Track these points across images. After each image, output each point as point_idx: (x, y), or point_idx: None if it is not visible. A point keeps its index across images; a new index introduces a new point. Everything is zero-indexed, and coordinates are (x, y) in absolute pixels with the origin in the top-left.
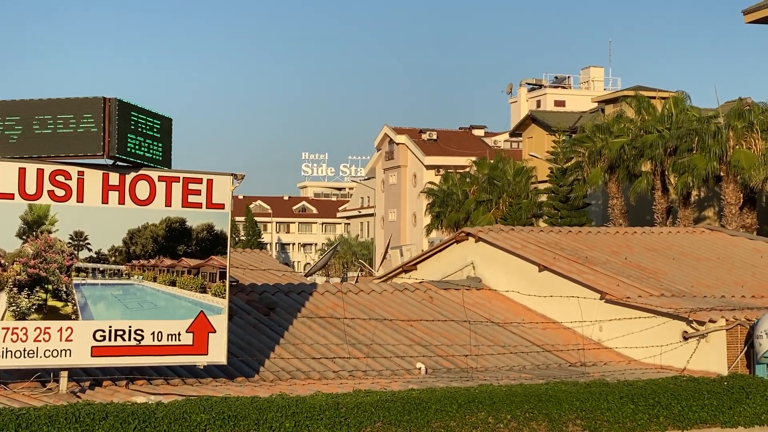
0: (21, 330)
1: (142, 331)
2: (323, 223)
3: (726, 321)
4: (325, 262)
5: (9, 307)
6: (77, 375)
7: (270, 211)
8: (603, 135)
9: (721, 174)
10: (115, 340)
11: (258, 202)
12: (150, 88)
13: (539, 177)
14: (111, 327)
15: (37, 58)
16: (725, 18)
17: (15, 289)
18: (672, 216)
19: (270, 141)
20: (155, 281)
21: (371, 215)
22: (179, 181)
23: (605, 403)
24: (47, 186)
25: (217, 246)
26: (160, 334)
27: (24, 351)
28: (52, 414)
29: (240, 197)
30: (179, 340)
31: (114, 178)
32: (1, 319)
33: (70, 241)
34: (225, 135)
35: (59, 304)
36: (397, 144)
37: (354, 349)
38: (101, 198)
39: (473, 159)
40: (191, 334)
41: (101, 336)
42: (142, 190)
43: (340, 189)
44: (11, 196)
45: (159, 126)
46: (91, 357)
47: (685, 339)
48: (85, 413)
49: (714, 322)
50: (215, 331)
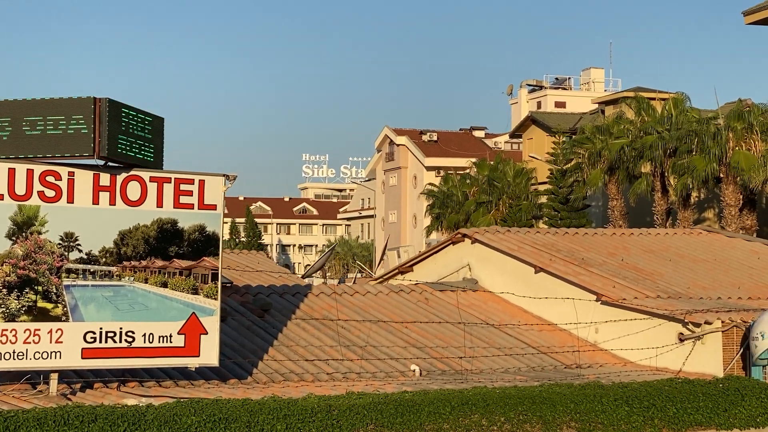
0: (10, 332)
1: (133, 333)
2: (324, 225)
3: (722, 323)
4: (323, 263)
5: None
6: (68, 377)
7: (270, 213)
8: (603, 136)
9: (721, 175)
10: (106, 341)
11: (258, 203)
12: (150, 88)
13: (539, 178)
14: (102, 329)
15: (28, 58)
16: (725, 19)
17: (4, 291)
18: (672, 217)
19: (271, 142)
20: (146, 283)
21: (372, 216)
22: (171, 182)
23: (600, 406)
24: (37, 187)
25: (209, 247)
26: (151, 335)
27: (13, 353)
28: (40, 416)
29: (240, 198)
30: (171, 341)
31: (105, 178)
32: None
33: (60, 242)
34: (226, 136)
35: (49, 305)
36: (398, 145)
37: (348, 351)
38: (92, 199)
39: (473, 160)
40: (183, 335)
41: (92, 338)
42: (133, 190)
43: (340, 190)
44: (0, 196)
45: (150, 126)
46: (82, 359)
47: (681, 341)
48: (74, 416)
49: (710, 323)
50: (207, 333)
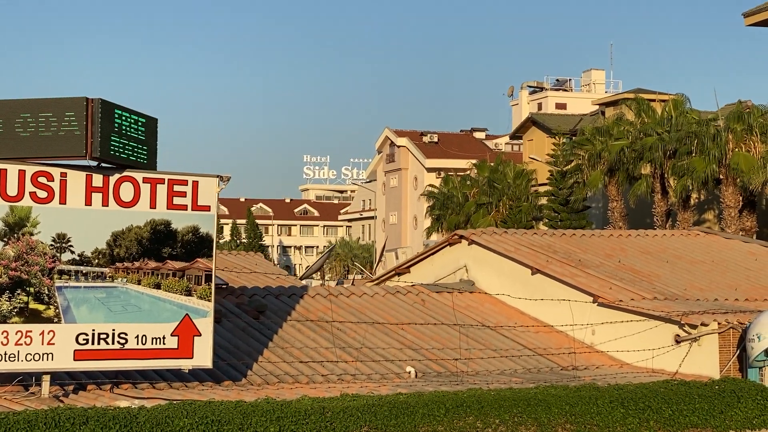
0: (2, 333)
1: (126, 335)
2: (325, 226)
3: (718, 324)
4: (321, 264)
5: None
6: (61, 379)
7: (272, 214)
8: (603, 138)
9: (721, 177)
10: (99, 343)
11: (260, 204)
12: (150, 89)
13: (539, 180)
14: (94, 330)
15: (21, 58)
16: (726, 21)
17: None
18: (672, 219)
19: (272, 144)
20: (139, 284)
21: (372, 218)
22: (164, 183)
23: (595, 407)
24: (29, 187)
25: (203, 248)
26: (144, 337)
27: (5, 354)
28: (31, 418)
29: (242, 200)
30: (164, 343)
31: (97, 179)
32: None
33: (52, 244)
34: (226, 138)
35: (41, 307)
36: (398, 147)
37: (343, 353)
38: (84, 200)
39: (473, 162)
40: (176, 337)
41: (84, 339)
42: (126, 191)
43: (341, 192)
44: None
45: (144, 126)
46: (74, 361)
47: (678, 342)
48: (65, 418)
49: (706, 325)
50: (201, 335)
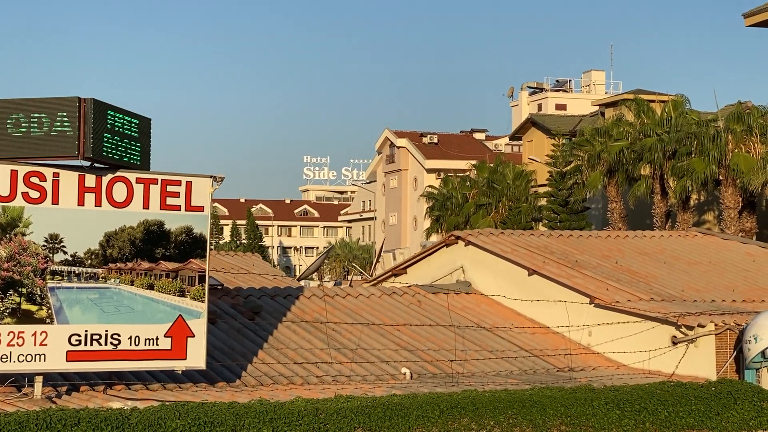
0: None
1: (118, 336)
2: (325, 227)
3: (715, 325)
4: (318, 265)
5: None
6: (54, 380)
7: (272, 215)
8: (602, 138)
9: (720, 178)
10: (91, 344)
11: (260, 205)
12: (150, 89)
13: (539, 180)
14: (87, 331)
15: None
16: (726, 22)
17: None
18: (671, 220)
19: (272, 145)
20: (132, 285)
21: (372, 219)
22: (157, 183)
23: (590, 409)
24: (21, 188)
25: (197, 249)
26: (137, 338)
27: None
28: (22, 420)
29: (242, 200)
30: (157, 344)
31: (90, 179)
32: None
33: (45, 244)
34: (227, 139)
35: (33, 307)
36: (398, 147)
37: (339, 354)
38: (77, 200)
39: (473, 162)
40: (169, 338)
41: (77, 340)
42: (119, 192)
43: (341, 193)
44: None
45: (137, 127)
46: (66, 362)
47: (674, 344)
48: (57, 419)
49: (703, 326)
50: (194, 336)
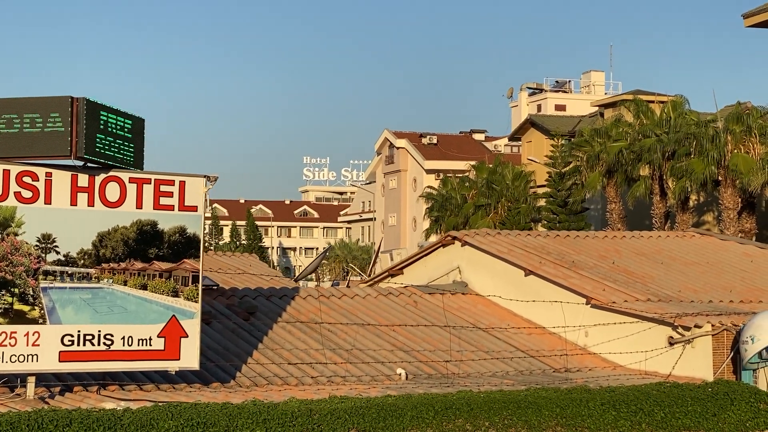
0: None
1: (111, 336)
2: (324, 228)
3: (712, 326)
4: (315, 266)
5: None
6: (48, 380)
7: (271, 216)
8: (601, 139)
9: (720, 178)
10: (84, 344)
11: (259, 206)
12: (150, 90)
13: (538, 181)
14: (80, 331)
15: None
16: (726, 22)
17: None
18: (671, 221)
19: (271, 145)
20: (126, 285)
21: (372, 219)
22: (151, 183)
23: (586, 410)
24: (13, 187)
25: (190, 249)
26: (130, 338)
27: None
28: (13, 420)
29: (241, 201)
30: (150, 345)
31: (83, 179)
32: None
33: (37, 244)
34: (226, 139)
35: (26, 308)
36: (398, 148)
37: (334, 355)
38: (70, 200)
39: (472, 163)
40: (163, 338)
41: (69, 341)
42: (112, 191)
43: (341, 193)
44: None
45: (130, 126)
46: (59, 362)
47: (671, 344)
48: (48, 419)
49: (700, 327)
50: (188, 336)
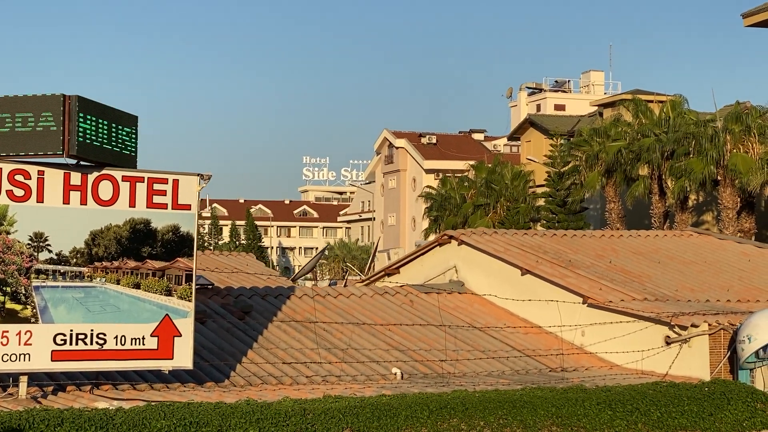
0: None
1: (104, 335)
2: (324, 227)
3: (709, 325)
4: (313, 266)
5: None
6: (41, 379)
7: (271, 215)
8: (600, 139)
9: (719, 178)
10: (77, 344)
11: (259, 206)
12: (149, 90)
13: (537, 181)
14: (72, 330)
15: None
16: (725, 21)
17: None
18: (670, 220)
19: (271, 145)
20: (118, 284)
21: (371, 219)
22: (144, 182)
23: (582, 409)
24: (5, 185)
25: (183, 248)
26: (123, 338)
27: None
28: (4, 420)
29: (241, 201)
30: (143, 344)
31: (75, 177)
32: None
33: (29, 243)
34: (225, 139)
35: (18, 307)
36: (397, 148)
37: (329, 354)
38: (62, 198)
39: (471, 163)
40: (156, 338)
41: (62, 340)
42: (105, 190)
43: (341, 193)
44: None
45: (123, 124)
46: (51, 361)
47: (668, 344)
48: (40, 419)
49: (696, 326)
50: (181, 335)
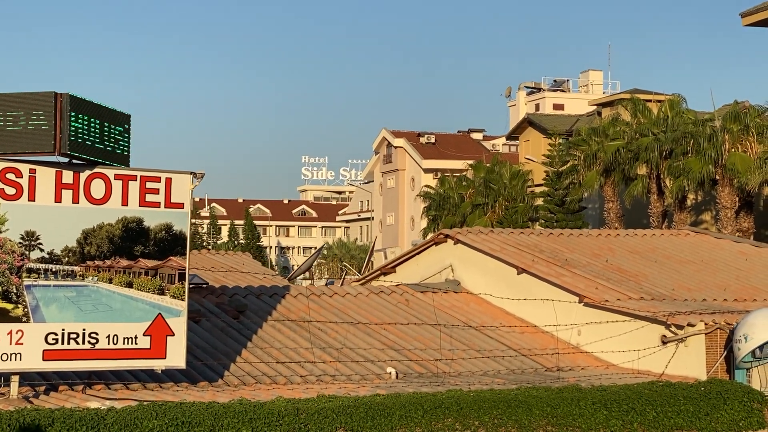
0: None
1: (96, 334)
2: (323, 227)
3: (705, 325)
4: (309, 265)
5: None
6: (33, 379)
7: (270, 215)
8: (599, 138)
9: (717, 177)
10: (69, 343)
11: (258, 205)
12: (147, 89)
13: (536, 180)
14: (64, 330)
15: None
16: (723, 21)
17: None
18: (668, 220)
19: (270, 145)
20: (111, 283)
21: (370, 219)
22: (136, 180)
23: (577, 409)
24: None
25: (176, 246)
26: (115, 337)
27: None
28: None
29: (240, 201)
30: (136, 343)
31: (67, 176)
32: None
33: (21, 241)
34: (225, 139)
35: (9, 306)
36: (396, 147)
37: (324, 353)
38: (54, 197)
39: (470, 162)
40: (148, 337)
41: (53, 339)
42: (97, 188)
43: (339, 193)
44: None
45: (115, 122)
46: (43, 361)
47: (664, 343)
48: (30, 419)
49: (693, 326)
50: (174, 335)
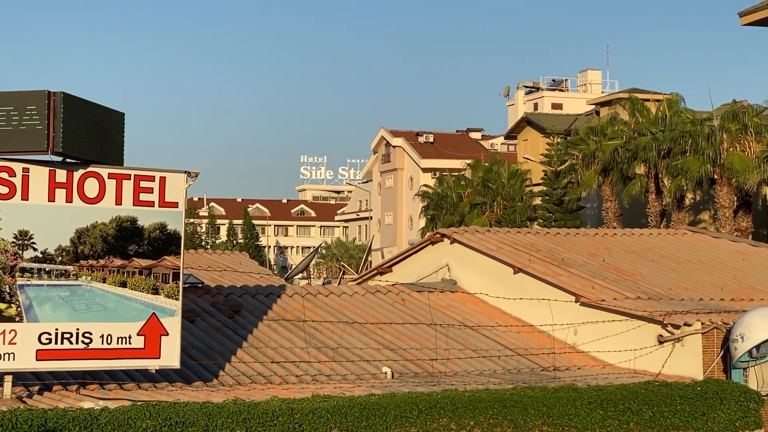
0: None
1: (90, 334)
2: (321, 226)
3: (702, 324)
4: (306, 264)
5: None
6: (27, 379)
7: (268, 214)
8: (597, 137)
9: (715, 177)
10: (62, 343)
11: (256, 205)
12: (146, 88)
13: (534, 180)
14: (57, 330)
15: None
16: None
17: None
18: (666, 219)
19: (269, 144)
20: (105, 282)
21: (369, 218)
22: (130, 179)
23: (573, 409)
24: None
25: (171, 246)
26: (109, 336)
27: None
28: None
29: (238, 200)
30: (130, 343)
31: (61, 175)
32: None
33: (14, 241)
34: (223, 138)
35: (2, 305)
36: (394, 147)
37: (319, 353)
38: (47, 196)
39: (468, 162)
40: (142, 336)
41: (47, 339)
42: (90, 187)
43: (338, 192)
44: None
45: (109, 121)
46: (36, 361)
47: (660, 343)
48: (23, 419)
49: (689, 325)
50: (168, 334)
